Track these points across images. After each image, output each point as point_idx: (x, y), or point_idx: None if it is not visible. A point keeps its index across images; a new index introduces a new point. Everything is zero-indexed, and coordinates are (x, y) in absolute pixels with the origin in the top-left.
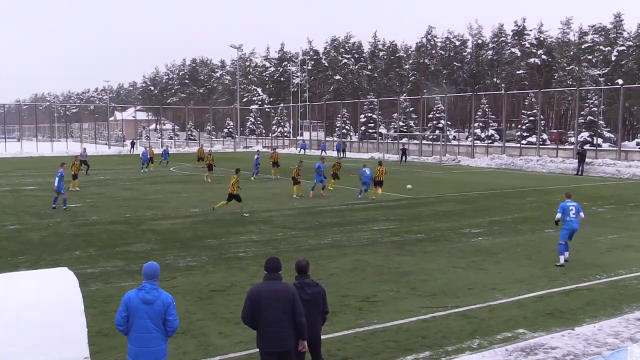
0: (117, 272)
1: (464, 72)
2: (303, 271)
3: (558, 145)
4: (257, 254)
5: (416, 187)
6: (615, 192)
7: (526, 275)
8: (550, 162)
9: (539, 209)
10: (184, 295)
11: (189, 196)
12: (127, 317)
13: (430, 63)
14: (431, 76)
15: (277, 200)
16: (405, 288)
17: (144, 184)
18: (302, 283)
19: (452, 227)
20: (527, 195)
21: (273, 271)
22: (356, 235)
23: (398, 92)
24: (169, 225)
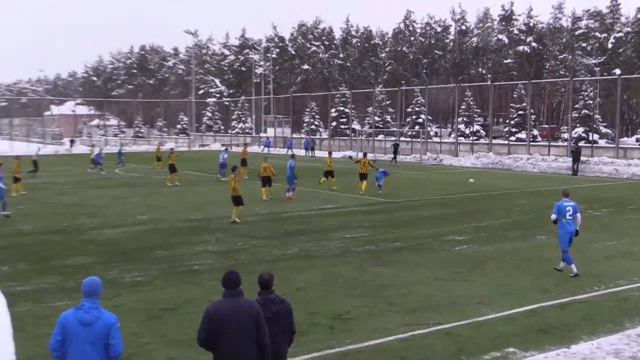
0: (52, 290)
1: (446, 62)
2: (267, 286)
3: (550, 142)
4: (215, 267)
5: (393, 189)
6: (613, 193)
7: (516, 287)
8: (542, 161)
9: (529, 213)
10: (130, 315)
11: (136, 201)
12: (62, 341)
13: (409, 51)
14: (410, 66)
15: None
16: (381, 303)
17: (84, 188)
18: (265, 299)
19: (434, 234)
20: (516, 197)
21: (232, 287)
22: (326, 244)
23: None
24: (112, 234)
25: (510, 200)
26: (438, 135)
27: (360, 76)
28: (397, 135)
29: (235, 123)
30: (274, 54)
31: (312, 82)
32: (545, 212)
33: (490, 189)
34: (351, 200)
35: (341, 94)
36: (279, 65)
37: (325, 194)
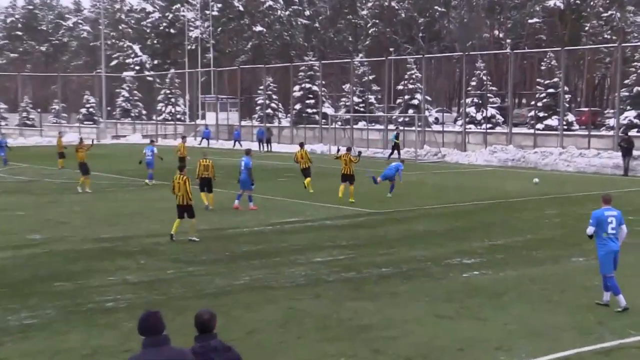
0: None
1: (450, 22)
2: (206, 329)
3: (591, 131)
4: (135, 303)
5: (380, 196)
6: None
7: (545, 326)
8: (579, 157)
9: (563, 227)
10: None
11: (25, 215)
12: None
13: (400, 7)
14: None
15: (167, 219)
16: (363, 350)
17: None
18: (205, 347)
19: (434, 255)
20: (545, 206)
21: (153, 333)
22: (288, 272)
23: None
24: (1, 260)
25: (537, 211)
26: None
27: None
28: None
29: (162, 106)
30: (215, 11)
31: (268, 50)
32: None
33: (509, 195)
34: (322, 211)
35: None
36: (221, 27)
37: (285, 202)
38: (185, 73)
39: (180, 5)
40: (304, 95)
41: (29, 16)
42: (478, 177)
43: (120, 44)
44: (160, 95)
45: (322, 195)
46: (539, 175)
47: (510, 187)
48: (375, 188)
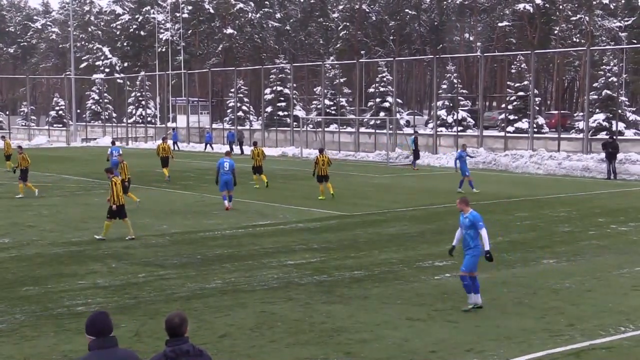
0: None
1: (421, 25)
2: (177, 333)
3: (561, 134)
4: (105, 307)
5: (351, 199)
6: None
7: (516, 328)
8: (550, 159)
9: (533, 230)
10: None
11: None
12: None
13: (371, 10)
14: (372, 30)
15: (138, 222)
16: (336, 353)
17: None
18: (177, 351)
19: (406, 258)
20: (515, 209)
21: (103, 334)
22: (260, 274)
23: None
24: None
25: (508, 213)
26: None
27: (305, 44)
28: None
29: (132, 109)
30: (185, 14)
31: (239, 53)
32: (555, 227)
33: (480, 197)
34: (293, 214)
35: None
36: (192, 29)
37: (256, 205)
38: (155, 75)
39: (151, 7)
40: (275, 97)
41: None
42: (449, 180)
43: (89, 46)
44: (131, 97)
45: (293, 198)
46: (510, 178)
47: (481, 190)
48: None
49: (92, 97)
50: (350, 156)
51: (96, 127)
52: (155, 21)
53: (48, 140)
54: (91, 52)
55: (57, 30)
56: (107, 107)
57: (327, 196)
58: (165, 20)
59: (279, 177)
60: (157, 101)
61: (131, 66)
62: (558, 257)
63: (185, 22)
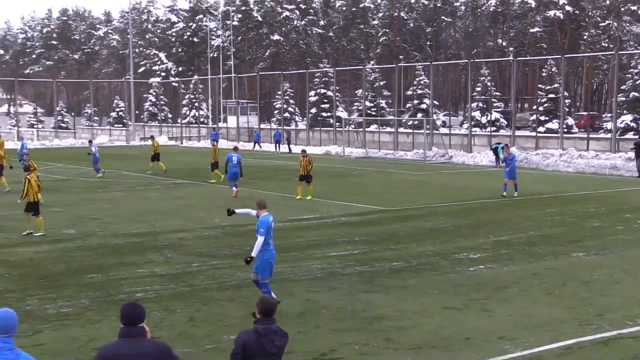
0: None
1: (456, 31)
2: (270, 313)
3: (589, 134)
4: (162, 294)
5: (390, 194)
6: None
7: (547, 317)
8: (579, 158)
9: (563, 225)
10: (54, 357)
11: (61, 211)
12: None
13: (409, 18)
14: (410, 36)
15: (191, 216)
16: (376, 339)
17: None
18: (268, 329)
19: (442, 251)
20: (546, 204)
21: (132, 323)
22: (306, 265)
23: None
24: (30, 254)
25: (539, 209)
26: (446, 126)
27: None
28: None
29: (186, 110)
30: (235, 21)
31: (285, 58)
32: (584, 222)
33: (512, 194)
34: (337, 209)
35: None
36: (241, 36)
37: (302, 200)
38: (208, 79)
39: (203, 15)
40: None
41: (63, 26)
42: (483, 177)
43: (147, 52)
44: (185, 99)
45: (336, 194)
46: (541, 175)
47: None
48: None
49: (149, 100)
50: (389, 154)
51: (153, 127)
52: (207, 28)
53: (109, 140)
54: (148, 57)
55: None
56: (163, 109)
57: (303, 196)
58: (216, 27)
59: (322, 174)
60: (209, 103)
61: (185, 70)
62: (587, 250)
63: (235, 29)
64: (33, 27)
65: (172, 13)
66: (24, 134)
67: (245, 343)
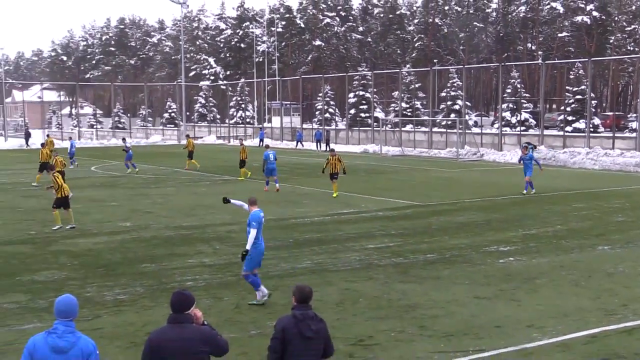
0: (18, 310)
1: (487, 36)
2: (306, 300)
3: (615, 133)
4: (211, 283)
5: (425, 190)
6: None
7: (573, 307)
8: (605, 156)
9: (589, 219)
10: (112, 340)
11: (118, 205)
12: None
13: (443, 23)
14: (444, 41)
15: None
16: (411, 326)
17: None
18: (305, 315)
19: (474, 243)
20: (573, 200)
21: (180, 310)
22: (344, 257)
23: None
24: (89, 245)
25: (566, 204)
26: (478, 125)
27: (384, 54)
28: (428, 125)
29: (233, 111)
30: (279, 28)
31: (326, 62)
32: (609, 217)
33: (541, 190)
34: (374, 204)
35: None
36: (285, 42)
37: (342, 196)
38: (253, 82)
39: (250, 23)
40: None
41: (121, 34)
42: (513, 174)
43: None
44: (232, 101)
45: (374, 190)
46: (568, 172)
47: (542, 183)
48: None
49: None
50: (424, 153)
51: (203, 127)
52: (253, 35)
53: (162, 139)
54: (199, 62)
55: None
56: (212, 110)
57: (325, 197)
58: (262, 34)
59: (361, 171)
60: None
61: (233, 74)
62: (612, 244)
63: (280, 35)
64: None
65: (220, 21)
66: (72, 134)
67: (284, 328)
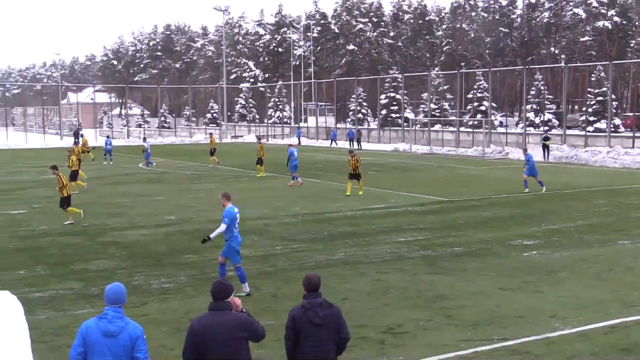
0: (72, 297)
1: (512, 40)
2: (314, 289)
3: (635, 133)
4: (250, 273)
5: (452, 187)
6: None
7: (594, 299)
8: (625, 155)
9: (610, 215)
10: (157, 326)
11: (163, 200)
12: (84, 354)
13: (470, 29)
14: (471, 45)
15: (274, 205)
16: (438, 316)
17: (104, 184)
18: (312, 303)
19: (499, 237)
20: (594, 197)
21: (219, 298)
22: (376, 249)
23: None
24: (137, 236)
25: (588, 200)
26: (503, 125)
27: (414, 58)
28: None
29: (271, 111)
30: (315, 33)
31: (359, 65)
32: (629, 213)
33: (563, 187)
34: (404, 199)
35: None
36: (320, 46)
37: (373, 192)
38: (290, 84)
39: (287, 28)
40: (389, 102)
41: (167, 39)
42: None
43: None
44: (270, 102)
45: (404, 186)
46: (589, 170)
47: (564, 181)
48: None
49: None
50: (451, 151)
51: (243, 127)
52: (290, 40)
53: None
54: (239, 65)
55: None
56: (251, 110)
57: (353, 193)
58: (298, 39)
59: (391, 169)
60: (291, 105)
61: (271, 77)
62: (632, 239)
63: (315, 40)
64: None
65: (260, 27)
66: (109, 131)
67: (294, 317)
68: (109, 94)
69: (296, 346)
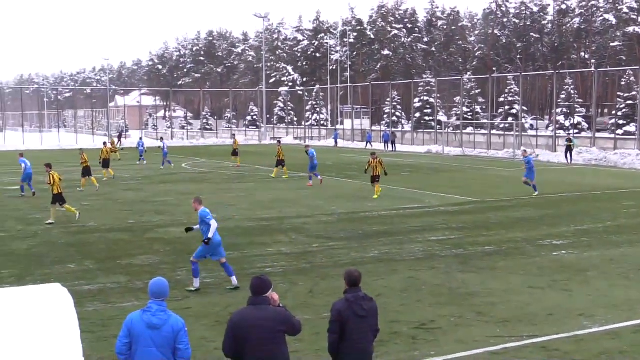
0: (119, 290)
1: (543, 45)
2: (356, 283)
3: None
4: (288, 270)
5: (484, 188)
6: None
7: (623, 298)
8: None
9: (638, 216)
10: (198, 319)
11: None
12: (129, 345)
13: (501, 34)
14: (502, 50)
15: (311, 204)
16: (469, 313)
17: (150, 183)
18: (356, 297)
19: (529, 237)
20: (623, 198)
21: (258, 294)
22: (409, 247)
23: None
24: (180, 233)
25: (616, 202)
26: (534, 128)
27: (447, 62)
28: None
29: (309, 114)
30: (351, 39)
31: (393, 69)
32: None
33: (592, 188)
34: (436, 200)
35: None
36: (356, 51)
37: (407, 192)
38: (327, 88)
39: (324, 34)
40: (422, 105)
41: (209, 45)
42: (566, 174)
43: (277, 65)
44: (308, 105)
45: (436, 186)
46: (618, 173)
47: (593, 182)
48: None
49: (278, 105)
50: (483, 153)
51: (281, 129)
52: (327, 45)
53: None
54: (278, 70)
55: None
56: (289, 113)
57: (370, 194)
58: (335, 44)
59: (425, 170)
60: (328, 108)
61: (309, 81)
62: None
63: (351, 45)
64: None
65: (298, 33)
66: (164, 134)
67: (340, 310)
68: (154, 97)
69: (341, 339)
